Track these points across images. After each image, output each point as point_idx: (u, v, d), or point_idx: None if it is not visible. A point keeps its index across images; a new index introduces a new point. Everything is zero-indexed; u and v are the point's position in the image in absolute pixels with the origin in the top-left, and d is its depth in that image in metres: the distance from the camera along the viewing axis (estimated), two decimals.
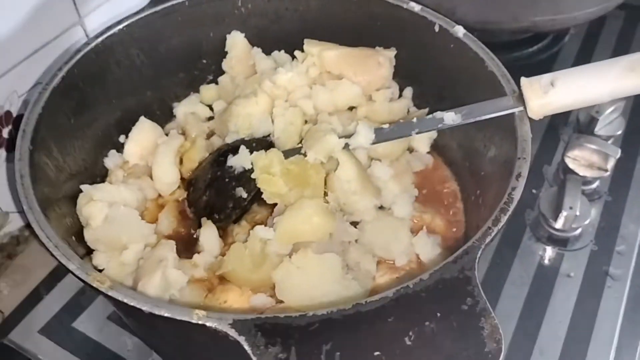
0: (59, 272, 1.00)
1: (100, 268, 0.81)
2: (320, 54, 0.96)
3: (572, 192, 1.02)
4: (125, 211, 0.82)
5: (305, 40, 0.99)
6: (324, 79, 0.97)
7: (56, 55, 0.97)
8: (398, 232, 0.85)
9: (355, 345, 0.55)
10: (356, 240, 0.85)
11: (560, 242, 1.04)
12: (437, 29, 0.91)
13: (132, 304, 0.59)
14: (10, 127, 0.95)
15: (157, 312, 0.58)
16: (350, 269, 0.81)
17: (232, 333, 0.56)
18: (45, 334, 0.93)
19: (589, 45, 1.41)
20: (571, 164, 1.09)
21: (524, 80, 0.76)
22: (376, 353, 0.54)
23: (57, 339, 0.92)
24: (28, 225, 1.04)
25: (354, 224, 0.86)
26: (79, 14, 0.99)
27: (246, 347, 0.55)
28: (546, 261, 1.02)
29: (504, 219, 0.65)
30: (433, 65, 0.96)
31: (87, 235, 0.80)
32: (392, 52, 0.97)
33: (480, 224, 0.82)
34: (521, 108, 0.76)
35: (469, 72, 0.88)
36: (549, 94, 0.73)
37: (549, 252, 1.03)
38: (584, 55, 1.38)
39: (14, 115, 0.95)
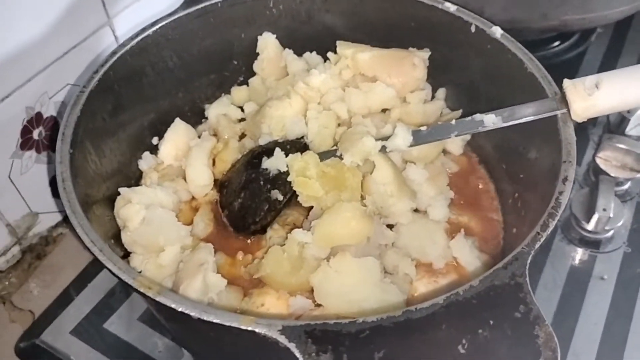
0: (89, 273, 1.00)
1: (138, 270, 0.81)
2: (354, 56, 0.95)
3: (605, 193, 1.01)
4: (162, 213, 0.82)
5: (338, 42, 0.98)
6: (357, 81, 0.97)
7: (86, 57, 0.97)
8: (434, 235, 0.85)
9: (408, 354, 0.54)
10: (392, 244, 0.84)
11: (593, 244, 1.02)
12: (473, 29, 0.90)
13: (180, 309, 0.59)
14: (40, 128, 0.95)
15: (205, 318, 0.58)
16: (388, 272, 0.81)
17: (282, 340, 0.56)
18: (76, 334, 0.93)
19: (617, 44, 1.39)
20: (603, 165, 1.07)
21: (567, 82, 0.75)
22: None
23: (89, 339, 0.92)
24: (57, 226, 1.05)
25: (390, 226, 0.86)
26: (107, 15, 0.99)
27: (297, 354, 0.55)
28: (578, 264, 1.01)
29: (552, 224, 0.65)
30: (468, 66, 0.95)
31: (125, 237, 0.80)
32: (426, 53, 0.96)
33: (519, 227, 0.82)
34: (564, 110, 0.75)
35: (506, 73, 0.87)
36: (594, 96, 0.72)
37: (581, 254, 1.02)
38: (612, 55, 1.37)
39: (45, 116, 0.95)
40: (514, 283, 0.58)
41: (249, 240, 0.89)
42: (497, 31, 0.88)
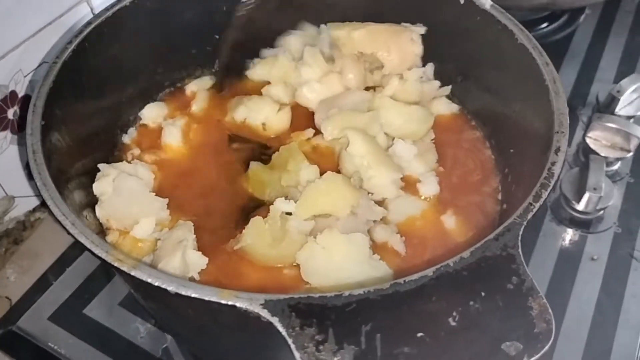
0: (68, 258, 0.98)
1: None
2: (348, 35, 0.92)
3: (596, 172, 1.00)
4: (133, 181, 0.79)
5: (329, 25, 0.95)
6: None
7: (62, 33, 0.94)
8: (425, 211, 0.83)
9: (396, 327, 0.52)
10: (381, 219, 0.82)
11: (583, 225, 1.01)
12: (462, 1, 0.88)
13: (156, 284, 0.56)
14: (15, 107, 0.92)
15: (183, 293, 0.55)
16: (378, 248, 0.78)
17: (264, 314, 0.53)
18: (55, 320, 0.91)
19: (605, 25, 1.38)
20: (593, 145, 1.06)
21: None
22: (419, 334, 0.51)
23: (68, 325, 0.90)
24: (34, 210, 1.02)
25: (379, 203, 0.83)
26: None
27: (280, 328, 0.52)
28: (569, 244, 1.00)
29: (545, 194, 0.63)
30: (457, 40, 0.92)
31: (99, 211, 0.77)
32: (421, 29, 0.93)
33: (511, 201, 0.80)
34: None
35: (496, 45, 0.85)
36: None
37: (572, 234, 1.01)
38: (600, 36, 1.36)
39: (19, 95, 0.91)
40: (506, 254, 0.56)
41: None
42: (486, 2, 0.85)
